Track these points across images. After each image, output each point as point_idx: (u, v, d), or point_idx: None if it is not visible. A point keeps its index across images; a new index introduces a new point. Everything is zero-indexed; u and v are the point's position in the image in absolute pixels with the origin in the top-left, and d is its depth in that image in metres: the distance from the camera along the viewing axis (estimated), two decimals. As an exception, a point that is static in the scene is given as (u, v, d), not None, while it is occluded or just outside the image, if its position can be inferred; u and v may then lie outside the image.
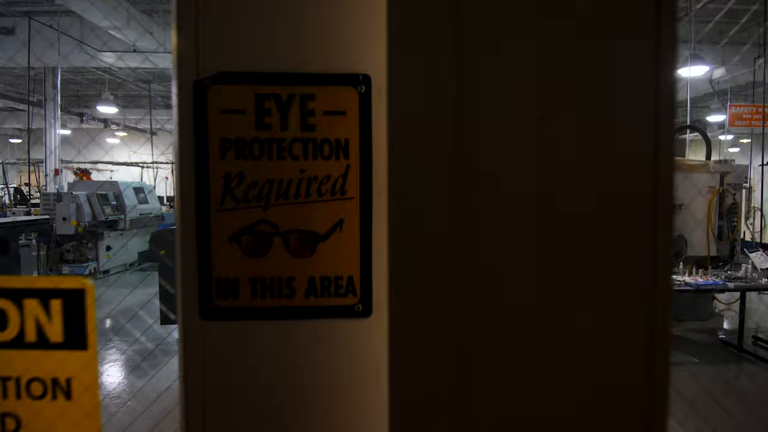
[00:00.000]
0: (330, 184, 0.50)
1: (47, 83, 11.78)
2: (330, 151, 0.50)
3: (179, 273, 0.49)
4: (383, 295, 0.48)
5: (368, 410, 0.46)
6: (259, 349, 0.50)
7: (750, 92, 12.19)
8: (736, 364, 4.08)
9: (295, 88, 0.49)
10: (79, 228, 6.97)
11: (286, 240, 0.50)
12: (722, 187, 5.57)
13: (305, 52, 0.49)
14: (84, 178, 11.33)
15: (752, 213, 9.20)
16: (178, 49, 0.49)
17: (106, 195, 7.66)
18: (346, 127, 0.50)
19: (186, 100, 0.49)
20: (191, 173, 0.49)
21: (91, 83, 14.11)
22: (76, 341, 0.53)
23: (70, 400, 0.55)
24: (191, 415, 0.48)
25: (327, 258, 0.51)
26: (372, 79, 0.49)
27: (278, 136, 0.50)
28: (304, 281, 0.51)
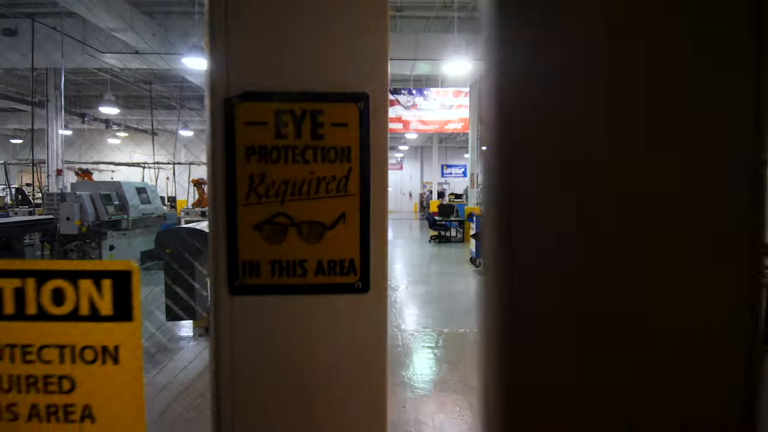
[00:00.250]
0: (335, 183, 0.60)
1: (49, 84, 11.88)
2: (335, 156, 0.60)
3: (211, 256, 0.59)
4: (379, 274, 0.58)
5: (367, 367, 0.57)
6: (278, 318, 0.60)
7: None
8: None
9: (306, 104, 0.59)
10: (83, 228, 7.07)
11: (299, 229, 0.60)
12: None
13: (316, 75, 0.59)
14: (85, 179, 11.42)
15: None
16: (210, 73, 0.59)
17: (109, 195, 7.76)
18: (349, 136, 0.60)
19: (218, 115, 0.59)
20: (222, 174, 0.59)
21: (92, 84, 14.21)
22: (123, 314, 0.64)
23: (117, 365, 0.65)
24: (221, 375, 0.58)
25: (333, 244, 0.61)
26: (370, 97, 0.59)
27: (293, 144, 0.60)
28: (314, 263, 0.61)
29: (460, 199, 18.10)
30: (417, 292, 6.89)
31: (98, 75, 12.99)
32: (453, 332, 4.96)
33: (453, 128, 10.74)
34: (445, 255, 10.79)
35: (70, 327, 0.64)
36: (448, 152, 27.06)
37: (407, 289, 7.06)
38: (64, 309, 0.64)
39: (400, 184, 28.28)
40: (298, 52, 0.58)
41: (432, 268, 9.11)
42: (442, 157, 26.29)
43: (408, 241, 13.65)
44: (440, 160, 25.54)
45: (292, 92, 0.58)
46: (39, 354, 0.65)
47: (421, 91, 10.63)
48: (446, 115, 10.62)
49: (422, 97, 10.55)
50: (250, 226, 0.60)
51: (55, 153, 11.80)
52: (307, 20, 0.58)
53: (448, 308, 5.92)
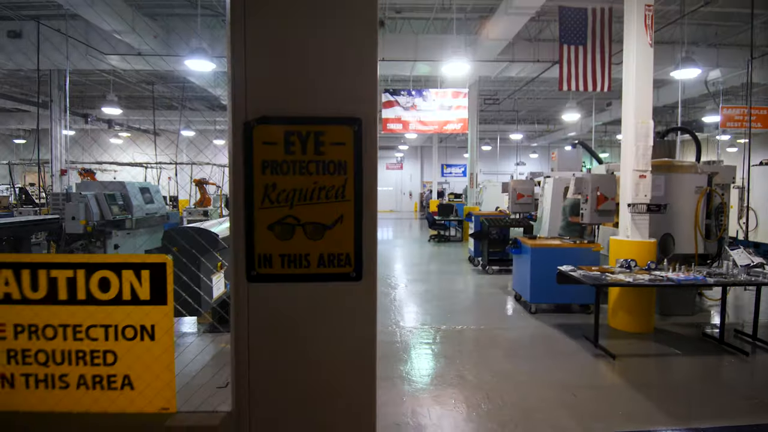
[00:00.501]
0: (334, 191, 0.72)
1: (53, 85, 12.00)
2: (334, 169, 0.73)
3: (232, 251, 0.72)
4: (370, 266, 0.71)
5: (360, 339, 0.70)
6: (287, 301, 0.73)
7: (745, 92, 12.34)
8: (715, 356, 4.30)
9: (311, 127, 0.71)
10: (88, 227, 7.19)
11: (305, 229, 0.73)
12: (709, 187, 5.79)
13: (318, 103, 0.71)
14: (89, 178, 11.55)
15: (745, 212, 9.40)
16: (233, 99, 0.71)
17: (114, 195, 7.88)
18: (345, 153, 0.72)
19: (238, 135, 0.71)
20: (242, 183, 0.71)
21: (95, 84, 14.33)
22: (159, 299, 0.76)
23: (153, 341, 0.78)
24: (239, 348, 0.71)
25: (332, 241, 0.73)
26: (363, 121, 0.72)
27: (299, 159, 0.72)
28: (316, 256, 0.74)
29: (459, 199, 18.23)
30: (416, 290, 7.02)
31: (101, 76, 13.11)
32: (450, 329, 5.09)
33: (452, 129, 10.85)
34: (444, 254, 10.92)
35: (114, 310, 0.77)
36: (448, 152, 27.18)
37: (407, 287, 7.19)
38: (110, 295, 0.77)
39: (400, 184, 28.41)
40: (305, 84, 0.70)
41: (431, 267, 9.24)
42: (442, 157, 26.42)
43: (408, 240, 13.78)
44: (440, 160, 25.67)
45: (299, 117, 0.71)
46: (87, 332, 0.78)
47: (420, 92, 10.74)
48: (445, 115, 10.73)
49: (421, 98, 10.66)
50: (265, 225, 0.72)
51: (59, 153, 11.92)
52: (313, 59, 0.70)
53: (446, 306, 6.05)
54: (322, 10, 0.69)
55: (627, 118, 5.14)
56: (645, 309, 4.97)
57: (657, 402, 3.33)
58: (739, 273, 4.44)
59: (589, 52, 8.02)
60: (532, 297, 5.63)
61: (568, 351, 4.40)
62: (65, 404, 0.76)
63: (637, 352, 4.43)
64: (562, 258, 5.38)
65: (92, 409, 0.76)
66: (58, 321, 0.77)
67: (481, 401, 3.35)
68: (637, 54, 5.01)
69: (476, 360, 4.17)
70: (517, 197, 9.18)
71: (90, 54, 9.50)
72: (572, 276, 4.51)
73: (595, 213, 5.69)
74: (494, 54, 9.67)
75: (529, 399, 3.38)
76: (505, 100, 16.20)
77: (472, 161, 13.87)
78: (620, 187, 5.36)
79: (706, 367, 4.11)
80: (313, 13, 0.69)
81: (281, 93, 0.71)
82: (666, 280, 4.26)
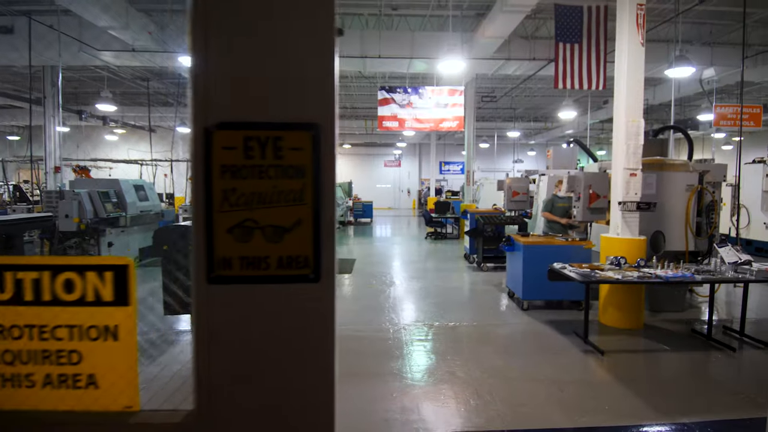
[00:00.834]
0: (293, 195, 0.74)
1: (46, 81, 11.92)
2: (293, 173, 0.74)
3: (194, 253, 0.73)
4: (328, 267, 0.73)
5: (320, 340, 0.72)
6: (247, 302, 0.75)
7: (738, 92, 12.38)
8: (703, 352, 4.36)
9: (270, 132, 0.73)
10: (81, 225, 7.18)
11: (264, 232, 0.74)
12: (700, 185, 5.83)
13: (277, 109, 0.73)
14: (83, 176, 11.50)
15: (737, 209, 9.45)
16: (194, 106, 0.73)
17: (108, 192, 7.86)
18: (304, 157, 0.74)
19: (199, 140, 0.73)
20: (202, 187, 0.73)
21: (89, 80, 14.25)
22: (122, 300, 0.78)
23: (116, 341, 0.80)
24: (199, 348, 0.73)
25: (291, 243, 0.75)
26: (321, 126, 0.73)
27: (258, 164, 0.74)
28: (276, 259, 0.75)
29: (456, 197, 18.28)
30: (411, 287, 7.06)
31: (95, 72, 13.03)
32: (443, 325, 5.12)
33: (448, 126, 10.85)
34: (441, 251, 10.96)
35: (79, 310, 0.78)
36: (447, 149, 27.19)
37: (402, 284, 7.22)
38: (74, 296, 0.78)
39: (398, 181, 28.43)
40: (264, 90, 0.72)
41: (426, 264, 9.27)
42: (440, 154, 26.43)
43: (406, 238, 13.82)
44: (438, 157, 25.67)
45: (258, 122, 0.73)
46: (53, 332, 0.79)
47: (417, 90, 10.73)
48: (441, 113, 10.73)
49: (417, 96, 10.65)
50: (224, 228, 0.74)
51: (52, 150, 11.86)
52: (272, 66, 0.72)
53: (440, 303, 6.09)
54: (282, 21, 0.71)
55: (618, 117, 5.16)
56: (634, 306, 5.02)
57: (644, 397, 3.37)
58: (726, 270, 4.48)
59: (584, 50, 8.04)
60: (524, 294, 5.67)
61: (558, 347, 4.44)
62: (31, 402, 0.78)
63: (625, 348, 4.47)
64: (554, 255, 5.42)
65: (58, 407, 0.77)
66: (23, 321, 0.78)
67: (470, 397, 3.38)
68: (628, 53, 5.03)
69: (467, 356, 4.20)
70: (513, 195, 9.21)
71: (83, 50, 9.43)
72: (563, 273, 4.54)
73: (588, 210, 5.73)
74: (490, 51, 9.67)
75: (517, 394, 3.42)
76: (503, 98, 16.20)
77: (469, 159, 13.89)
78: (611, 184, 5.39)
79: (694, 363, 4.16)
80: (273, 24, 0.71)
81: (241, 99, 0.72)
82: (654, 277, 4.30)
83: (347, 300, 6.42)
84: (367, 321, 5.33)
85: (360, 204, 18.56)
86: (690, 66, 8.25)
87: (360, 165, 27.91)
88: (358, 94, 17.11)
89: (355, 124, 21.28)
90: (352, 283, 7.43)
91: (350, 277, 7.82)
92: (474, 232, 8.69)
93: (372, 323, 5.23)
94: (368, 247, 12.05)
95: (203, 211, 0.72)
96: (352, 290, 6.97)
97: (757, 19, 9.33)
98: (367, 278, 7.70)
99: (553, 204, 6.81)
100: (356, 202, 18.59)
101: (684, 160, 6.30)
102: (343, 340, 4.72)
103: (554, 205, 6.81)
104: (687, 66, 8.19)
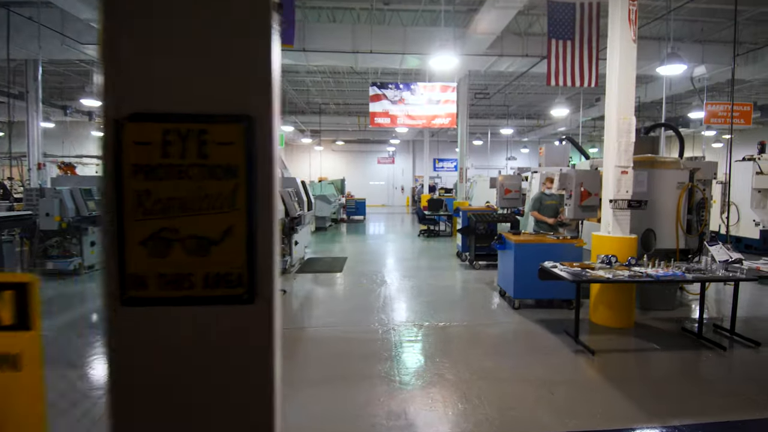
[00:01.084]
0: (222, 200, 0.62)
1: (28, 75, 11.60)
2: (222, 174, 0.63)
3: (104, 269, 0.62)
4: (266, 285, 0.61)
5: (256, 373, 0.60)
6: (167, 327, 0.63)
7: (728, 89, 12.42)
8: (693, 351, 4.32)
9: (192, 125, 0.61)
10: (63, 223, 6.98)
11: (186, 244, 0.63)
12: (691, 183, 5.80)
13: (202, 98, 0.61)
14: (69, 172, 11.23)
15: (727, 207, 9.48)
16: (103, 94, 0.61)
17: (90, 190, 7.65)
18: (235, 154, 0.62)
19: (108, 134, 0.61)
20: (112, 191, 0.61)
21: (74, 75, 13.90)
22: (24, 323, 0.66)
23: (18, 371, 0.68)
24: (115, 380, 0.61)
25: (220, 257, 0.63)
26: (256, 119, 0.62)
27: (179, 162, 0.62)
28: (201, 276, 0.64)
29: (450, 194, 18.20)
30: (402, 286, 6.96)
31: (80, 66, 12.71)
32: (433, 325, 5.04)
33: (440, 123, 10.74)
34: (433, 249, 10.88)
35: (-27, 336, 0.66)
36: (440, 146, 27.10)
37: (392, 283, 7.12)
38: (-33, 319, 0.66)
39: (392, 178, 28.28)
40: (186, 76, 0.60)
41: (418, 263, 9.18)
42: (434, 151, 26.33)
43: (399, 235, 13.71)
44: (432, 154, 25.57)
45: (178, 114, 0.61)
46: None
47: (408, 86, 10.60)
48: (433, 110, 10.61)
49: (409, 92, 10.52)
50: (138, 240, 0.62)
51: (35, 146, 11.56)
52: (194, 48, 0.60)
53: (431, 302, 6.00)
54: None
55: (610, 114, 5.09)
56: (625, 304, 4.97)
57: (635, 399, 3.31)
58: (717, 269, 4.44)
59: (577, 47, 7.96)
60: (515, 293, 5.61)
61: (549, 347, 4.38)
62: None
63: (616, 347, 4.42)
64: (545, 254, 5.35)
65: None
66: None
67: (458, 400, 3.30)
68: (620, 49, 4.95)
69: (457, 358, 4.12)
70: (505, 192, 9.15)
71: (66, 43, 9.15)
72: (554, 273, 4.47)
73: (579, 208, 5.67)
74: (483, 48, 9.56)
75: (506, 397, 3.34)
76: (496, 95, 16.12)
77: (462, 156, 13.80)
78: (603, 182, 5.33)
79: (684, 363, 4.12)
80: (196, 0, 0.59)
81: (159, 86, 0.61)
82: (645, 276, 4.24)
83: (336, 300, 6.31)
84: (356, 321, 5.23)
85: (353, 201, 18.43)
86: (682, 63, 8.22)
87: (353, 162, 27.72)
88: (350, 90, 16.93)
89: (348, 120, 21.10)
90: (342, 282, 7.32)
91: (341, 275, 7.71)
92: (466, 230, 8.62)
93: (361, 324, 5.13)
94: (360, 244, 11.93)
95: (114, 219, 0.61)
96: (342, 290, 6.87)
97: (748, 17, 9.33)
98: (358, 277, 7.59)
99: (541, 202, 6.75)
100: (349, 200, 18.46)
101: (675, 157, 6.26)
102: (331, 341, 4.62)
103: (542, 203, 6.75)
104: (679, 63, 8.15)
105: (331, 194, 15.14)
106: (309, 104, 19.38)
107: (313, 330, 5.00)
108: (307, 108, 19.98)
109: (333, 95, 17.72)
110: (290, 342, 4.65)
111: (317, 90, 17.01)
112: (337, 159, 27.56)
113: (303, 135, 23.21)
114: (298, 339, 4.73)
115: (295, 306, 5.99)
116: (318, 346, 4.49)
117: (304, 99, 18.33)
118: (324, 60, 10.60)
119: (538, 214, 6.65)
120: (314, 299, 6.28)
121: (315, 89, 16.87)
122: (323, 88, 16.57)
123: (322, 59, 10.47)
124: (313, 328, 5.10)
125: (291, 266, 7.88)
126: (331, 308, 5.87)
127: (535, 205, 6.75)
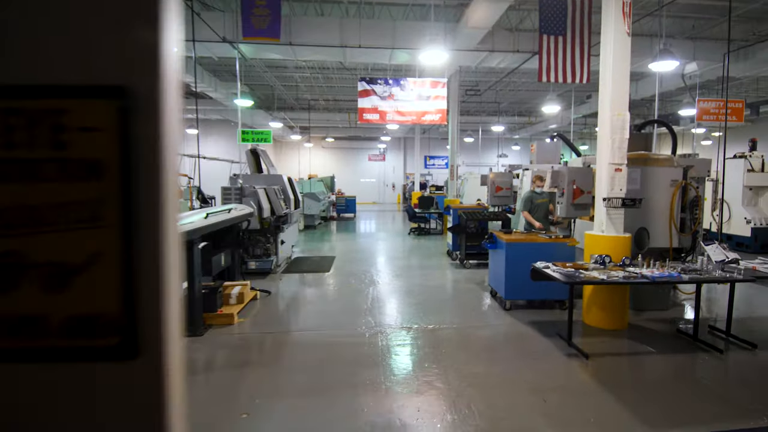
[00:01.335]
0: (85, 211, 0.44)
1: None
2: (84, 173, 0.44)
3: None
4: (153, 333, 0.43)
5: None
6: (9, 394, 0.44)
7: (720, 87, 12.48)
8: (689, 354, 4.22)
9: (42, 102, 0.43)
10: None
11: (36, 273, 0.44)
12: (685, 180, 5.71)
13: (55, 63, 0.42)
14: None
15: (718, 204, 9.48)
16: None
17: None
18: (103, 144, 0.44)
19: None
20: None
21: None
22: None
23: None
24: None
25: (84, 293, 0.44)
26: (137, 92, 0.43)
27: (24, 156, 0.43)
28: (57, 319, 0.45)
29: (441, 191, 18.07)
30: (391, 287, 6.79)
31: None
32: (423, 328, 4.88)
33: (431, 120, 10.57)
34: (424, 247, 10.73)
35: None
36: (431, 143, 26.97)
37: (381, 284, 6.95)
38: None
39: (383, 176, 28.08)
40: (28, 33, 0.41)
41: (408, 261, 9.02)
42: (425, 148, 26.19)
43: (389, 233, 13.54)
44: (423, 152, 25.43)
45: (20, 86, 0.42)
46: None
47: (398, 81, 10.40)
48: (423, 106, 10.44)
49: (399, 87, 10.33)
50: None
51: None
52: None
53: (420, 303, 5.84)
54: None
55: (603, 110, 4.97)
56: (619, 306, 4.87)
57: (630, 405, 3.19)
58: (713, 269, 4.35)
59: (568, 42, 7.85)
60: (507, 293, 5.47)
61: (541, 351, 4.25)
62: None
63: (610, 350, 4.31)
64: (537, 253, 5.23)
65: None
66: None
67: (447, 411, 3.15)
68: (614, 42, 4.82)
69: (446, 363, 3.97)
70: (496, 190, 9.02)
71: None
72: (546, 273, 4.34)
73: (571, 206, 5.55)
74: (474, 43, 9.40)
75: (497, 406, 3.20)
76: (487, 92, 16.01)
77: (453, 153, 13.67)
78: (596, 180, 5.21)
79: (680, 367, 4.01)
80: None
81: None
82: (640, 277, 4.13)
83: (323, 301, 6.11)
84: (343, 324, 5.05)
85: (343, 199, 18.22)
86: (674, 60, 8.15)
87: (343, 159, 27.45)
88: (339, 86, 16.67)
89: (338, 117, 20.83)
90: (329, 282, 7.12)
91: (329, 276, 7.51)
92: (457, 228, 8.48)
93: (347, 327, 4.95)
94: (350, 243, 11.74)
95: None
96: (329, 291, 6.67)
97: (740, 14, 9.30)
98: (347, 277, 7.41)
99: (532, 201, 6.62)
100: (339, 197, 18.24)
101: (668, 155, 6.17)
102: (315, 347, 4.43)
103: (533, 203, 6.62)
104: (671, 60, 8.08)
105: (320, 192, 14.92)
106: (298, 100, 19.06)
107: (298, 334, 4.81)
108: (296, 104, 19.66)
109: (322, 91, 17.43)
110: (274, 347, 4.45)
111: (306, 86, 16.72)
112: (327, 156, 27.27)
113: (292, 131, 22.88)
114: (282, 343, 4.54)
115: (280, 308, 5.79)
116: (303, 351, 4.30)
117: (293, 95, 18.02)
118: (312, 55, 10.34)
119: (529, 216, 6.53)
120: (300, 300, 6.08)
121: (304, 85, 16.57)
122: (312, 84, 16.28)
123: (309, 54, 10.21)
124: (298, 331, 4.90)
125: (277, 266, 7.67)
126: (318, 310, 5.68)
127: (527, 205, 6.62)
